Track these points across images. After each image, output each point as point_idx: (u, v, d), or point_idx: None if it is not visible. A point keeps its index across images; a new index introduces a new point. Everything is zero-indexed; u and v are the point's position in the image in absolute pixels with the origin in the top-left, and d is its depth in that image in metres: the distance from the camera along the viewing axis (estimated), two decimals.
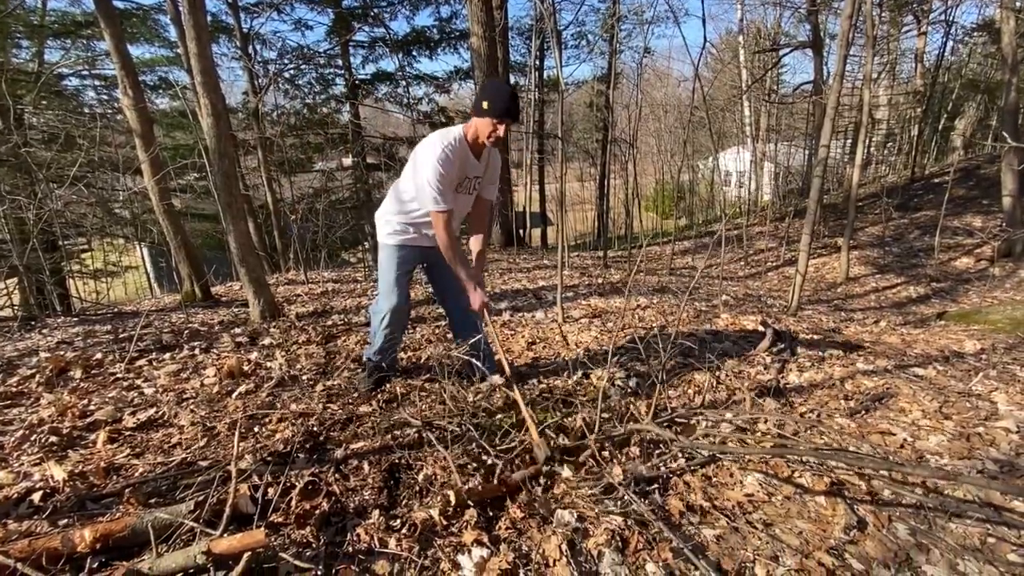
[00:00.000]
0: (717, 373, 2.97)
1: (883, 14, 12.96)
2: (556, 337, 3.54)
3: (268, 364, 2.97)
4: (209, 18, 9.55)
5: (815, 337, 3.78)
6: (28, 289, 6.55)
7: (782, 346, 3.46)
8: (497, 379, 2.45)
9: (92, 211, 9.07)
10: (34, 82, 7.30)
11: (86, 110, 8.19)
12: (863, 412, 2.61)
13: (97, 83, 8.90)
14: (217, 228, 9.78)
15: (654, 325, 3.79)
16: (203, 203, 9.71)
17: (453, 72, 11.71)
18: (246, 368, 2.87)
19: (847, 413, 2.56)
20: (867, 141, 12.00)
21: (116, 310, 5.30)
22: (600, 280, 5.66)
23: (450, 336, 3.16)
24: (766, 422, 2.35)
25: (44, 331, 4.20)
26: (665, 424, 2.27)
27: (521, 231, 11.42)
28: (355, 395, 2.58)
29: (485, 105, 2.02)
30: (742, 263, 8.78)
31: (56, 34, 8.27)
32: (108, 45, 4.65)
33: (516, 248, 9.10)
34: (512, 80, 11.37)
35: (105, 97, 9.00)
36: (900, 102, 14.59)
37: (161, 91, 9.57)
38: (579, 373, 2.87)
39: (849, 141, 15.03)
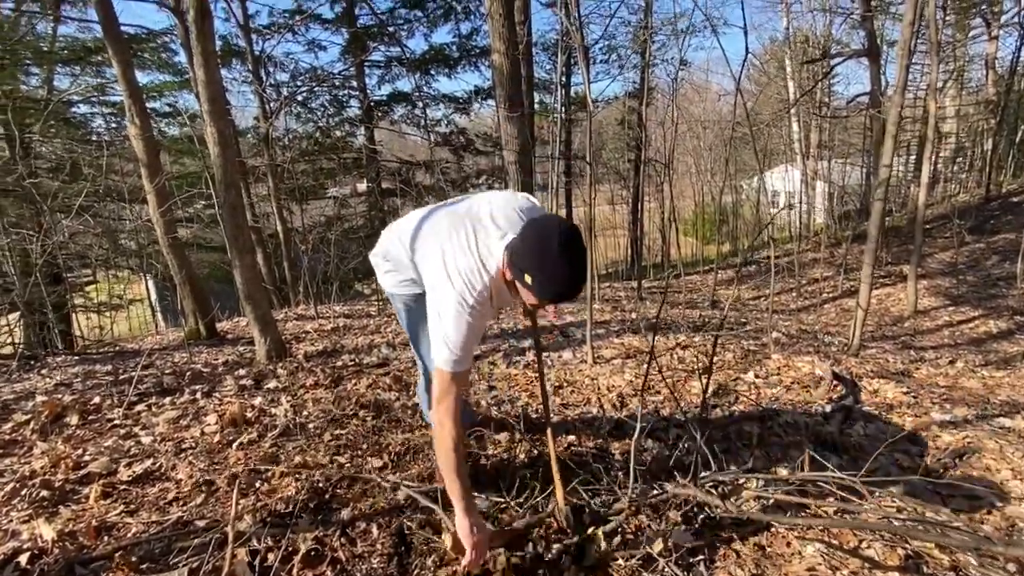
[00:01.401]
0: (769, 424, 2.88)
1: (948, 18, 12.88)
2: (586, 380, 3.50)
3: (273, 411, 3.00)
4: (220, 42, 10.10)
5: (881, 381, 3.64)
6: (30, 325, 6.84)
7: (843, 392, 3.34)
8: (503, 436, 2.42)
9: (98, 242, 9.49)
10: (42, 110, 7.78)
11: (94, 138, 8.65)
12: (941, 471, 2.48)
13: (106, 110, 9.45)
14: (225, 259, 10.07)
15: (694, 367, 3.71)
16: (210, 233, 10.05)
17: (473, 91, 12.06)
18: (249, 415, 2.90)
19: (922, 473, 2.43)
20: (934, 157, 11.77)
21: (117, 348, 5.45)
22: (634, 314, 5.61)
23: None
24: (827, 483, 2.25)
25: (43, 372, 4.35)
26: (709, 485, 2.19)
27: None
28: (364, 447, 2.58)
29: (529, 280, 1.49)
30: (794, 294, 8.59)
31: (65, 60, 8.84)
32: (116, 72, 4.93)
33: None
34: (536, 99, 11.61)
35: (114, 125, 9.51)
36: (970, 113, 14.35)
37: (170, 118, 10.07)
38: (611, 424, 2.82)
39: (913, 157, 14.78)
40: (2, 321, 7.36)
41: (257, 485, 2.25)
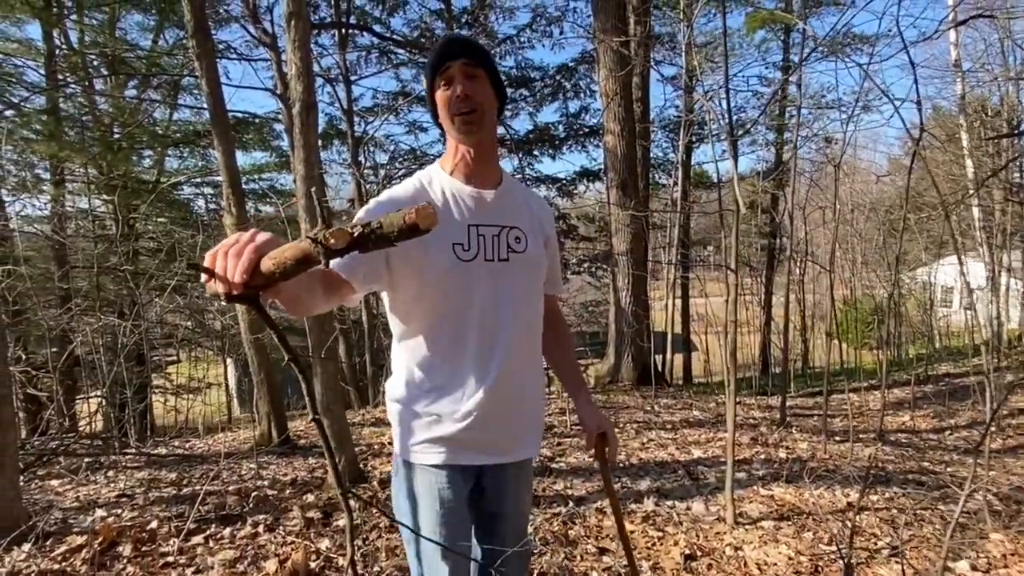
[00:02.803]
0: None
1: None
2: (726, 551, 3.03)
3: (340, 561, 2.82)
4: (323, 121, 11.12)
5: None
6: (111, 406, 7.37)
7: None
8: None
9: (186, 320, 10.32)
10: (150, 191, 8.82)
11: (194, 218, 9.62)
12: None
13: (208, 191, 10.58)
14: (306, 345, 10.57)
15: (880, 545, 3.12)
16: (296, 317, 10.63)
17: (579, 173, 12.28)
18: (313, 565, 2.74)
19: None
20: None
21: (187, 449, 5.66)
22: (780, 449, 5.01)
23: None
24: None
25: (110, 473, 4.54)
26: None
27: (659, 359, 10.92)
28: None
29: (425, 83, 1.47)
30: (994, 429, 7.43)
31: (176, 143, 10.07)
32: (218, 160, 5.44)
33: (654, 387, 8.62)
34: (651, 177, 11.60)
35: (213, 206, 10.58)
36: None
37: (268, 199, 11.07)
38: None
39: None
40: (84, 404, 8.04)
41: None
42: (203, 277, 0.85)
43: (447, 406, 1.41)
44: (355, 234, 0.77)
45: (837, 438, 5.79)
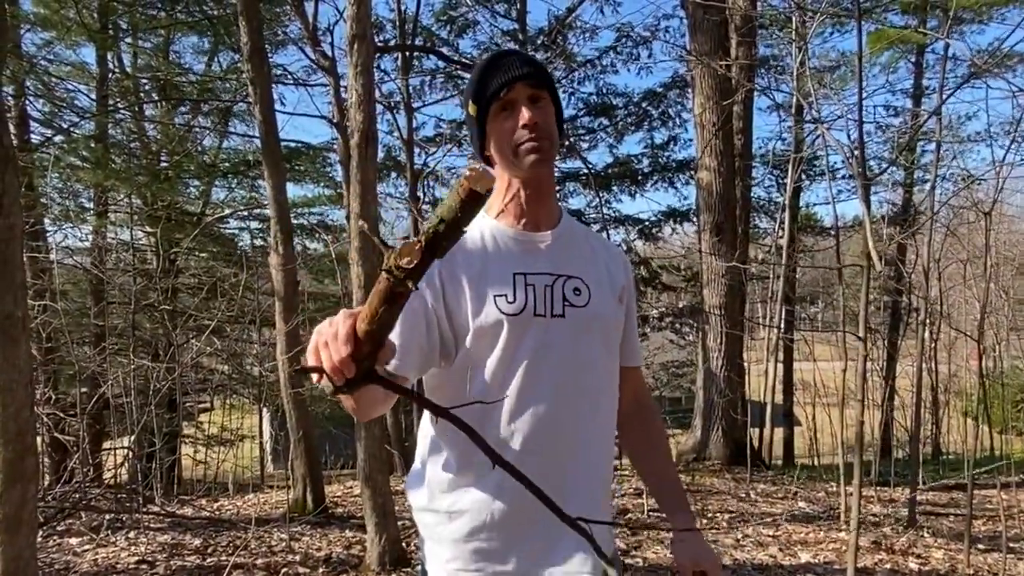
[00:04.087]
0: None
1: None
2: None
3: None
4: (381, 152, 11.55)
5: None
6: (139, 456, 7.68)
7: None
8: None
9: (223, 364, 10.74)
10: (195, 224, 9.33)
11: (239, 254, 10.09)
12: None
13: (254, 226, 11.11)
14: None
15: None
16: None
17: (664, 213, 12.20)
18: None
19: None
20: None
21: (214, 510, 5.80)
22: (910, 557, 4.66)
23: None
24: None
25: (131, 534, 4.68)
26: None
27: (755, 434, 10.46)
28: None
29: (472, 109, 1.37)
30: None
31: (224, 174, 10.66)
32: (268, 194, 5.70)
33: (749, 468, 8.23)
34: (751, 221, 11.38)
35: (259, 242, 11.09)
36: None
37: (317, 235, 11.50)
38: None
39: None
40: (111, 451, 8.41)
41: None
42: (315, 377, 0.85)
43: (474, 502, 1.28)
44: (422, 241, 0.77)
45: (981, 546, 5.36)
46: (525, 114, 1.27)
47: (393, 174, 12.03)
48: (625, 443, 1.58)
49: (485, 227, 1.36)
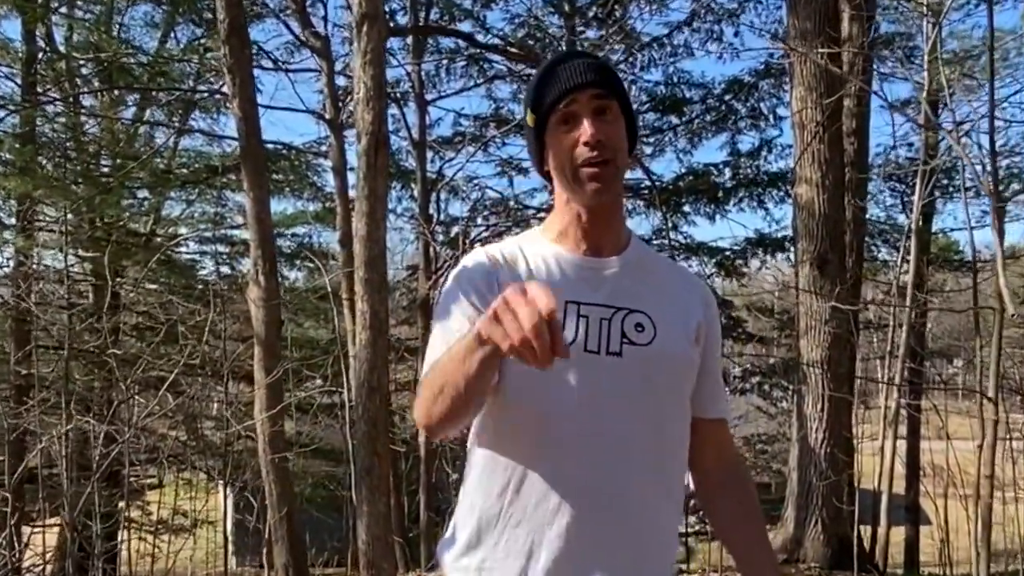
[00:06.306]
0: None
1: None
2: None
3: None
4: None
5: None
6: (73, 541, 7.57)
7: None
8: None
9: (176, 427, 10.59)
10: (144, 247, 9.21)
11: (202, 288, 9.97)
12: None
13: (219, 249, 10.98)
14: (335, 472, 10.57)
15: None
16: (325, 430, 10.69)
17: (750, 241, 12.03)
18: None
19: None
20: None
21: None
22: None
23: None
24: None
25: None
26: None
27: (864, 531, 10.20)
28: None
29: (530, 119, 1.53)
30: None
31: (182, 183, 10.58)
32: (248, 211, 5.58)
33: (856, 574, 8.03)
34: (866, 251, 11.06)
35: (226, 270, 11.00)
36: None
37: (298, 262, 11.38)
38: None
39: None
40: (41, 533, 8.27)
41: None
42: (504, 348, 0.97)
43: (506, 559, 1.38)
44: None
45: None
46: (588, 129, 1.37)
47: (398, 184, 11.87)
48: (710, 513, 1.67)
49: (543, 252, 1.49)
